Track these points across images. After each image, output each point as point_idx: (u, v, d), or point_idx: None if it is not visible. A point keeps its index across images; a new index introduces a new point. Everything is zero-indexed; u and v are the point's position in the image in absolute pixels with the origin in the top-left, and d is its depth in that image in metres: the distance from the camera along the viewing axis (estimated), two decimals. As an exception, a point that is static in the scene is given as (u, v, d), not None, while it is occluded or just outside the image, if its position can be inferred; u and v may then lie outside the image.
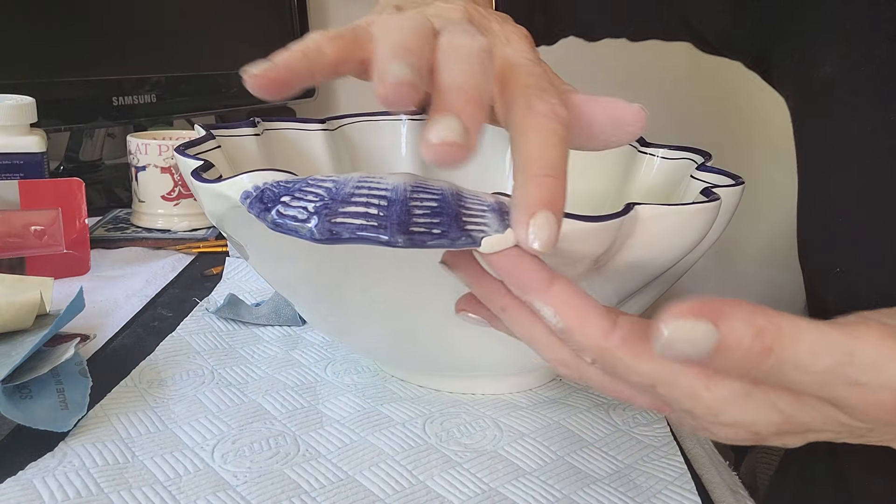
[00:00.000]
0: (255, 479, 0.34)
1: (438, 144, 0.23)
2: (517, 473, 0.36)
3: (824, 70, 0.37)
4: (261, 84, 0.27)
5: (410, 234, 0.25)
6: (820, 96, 0.37)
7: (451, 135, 0.23)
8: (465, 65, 0.25)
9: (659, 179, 0.50)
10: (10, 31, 0.72)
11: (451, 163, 0.23)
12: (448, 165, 0.23)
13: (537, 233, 0.24)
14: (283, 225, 0.27)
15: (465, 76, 0.25)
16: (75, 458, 0.35)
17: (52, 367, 0.39)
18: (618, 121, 0.30)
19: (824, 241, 0.38)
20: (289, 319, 0.52)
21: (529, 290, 0.25)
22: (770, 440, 0.25)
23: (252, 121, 0.49)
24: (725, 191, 0.37)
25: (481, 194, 0.28)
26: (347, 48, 0.28)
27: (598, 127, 0.31)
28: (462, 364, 0.42)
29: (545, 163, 0.25)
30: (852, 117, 0.36)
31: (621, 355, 0.24)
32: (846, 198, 0.37)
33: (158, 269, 0.62)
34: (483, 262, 0.27)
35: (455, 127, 0.23)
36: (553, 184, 0.25)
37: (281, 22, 1.09)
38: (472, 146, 0.23)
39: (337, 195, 0.27)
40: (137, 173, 0.70)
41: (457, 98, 0.24)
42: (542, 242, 0.24)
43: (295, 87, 0.27)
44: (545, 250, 0.24)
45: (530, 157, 0.25)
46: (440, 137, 0.23)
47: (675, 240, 0.34)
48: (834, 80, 0.36)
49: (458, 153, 0.23)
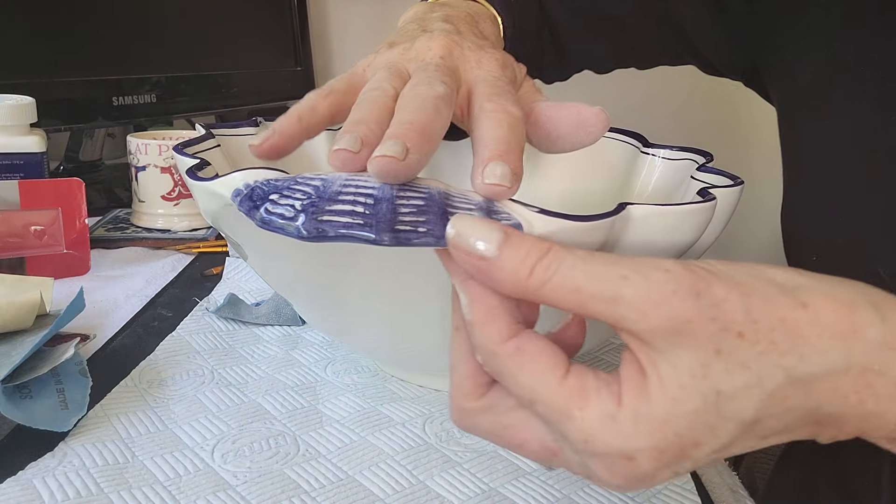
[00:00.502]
0: (255, 479, 0.34)
1: (378, 157, 0.26)
2: (517, 473, 0.36)
3: (804, 77, 0.42)
4: (262, 152, 0.32)
5: (396, 232, 0.26)
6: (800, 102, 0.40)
7: (390, 151, 0.26)
8: (418, 108, 0.29)
9: (660, 180, 0.50)
10: (10, 31, 0.72)
11: (391, 175, 0.27)
12: (388, 178, 0.27)
13: (488, 173, 0.27)
14: (270, 223, 0.27)
15: (415, 115, 0.29)
16: (75, 458, 0.35)
17: (52, 367, 0.39)
18: (581, 123, 0.34)
19: (804, 232, 0.42)
20: (289, 319, 0.52)
21: (455, 275, 0.26)
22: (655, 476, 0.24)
23: (254, 120, 0.49)
24: (724, 191, 0.37)
25: (469, 193, 0.28)
26: (339, 102, 0.33)
27: (564, 129, 0.34)
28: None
29: (495, 137, 0.29)
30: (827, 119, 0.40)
31: (509, 363, 0.24)
32: (823, 191, 0.40)
33: (158, 269, 0.62)
34: None
35: (395, 146, 0.26)
36: (505, 148, 0.28)
37: (281, 22, 1.09)
38: (410, 164, 0.27)
39: (324, 193, 0.27)
40: (137, 173, 0.70)
41: (402, 128, 0.28)
42: (496, 177, 0.27)
43: (294, 147, 0.32)
44: (500, 191, 0.27)
45: (483, 138, 0.29)
46: (381, 152, 0.26)
47: (669, 240, 0.34)
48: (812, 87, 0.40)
49: (396, 166, 0.26)
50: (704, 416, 0.23)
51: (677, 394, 0.23)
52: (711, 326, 0.22)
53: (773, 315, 0.22)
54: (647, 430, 0.23)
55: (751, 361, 0.22)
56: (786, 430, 0.24)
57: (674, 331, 0.22)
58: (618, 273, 0.23)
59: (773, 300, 0.23)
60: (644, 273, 0.23)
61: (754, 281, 0.23)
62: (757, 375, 0.22)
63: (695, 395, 0.22)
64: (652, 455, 0.23)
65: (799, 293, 0.23)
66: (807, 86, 0.41)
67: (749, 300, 0.22)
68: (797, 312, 0.22)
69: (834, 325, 0.22)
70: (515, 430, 0.26)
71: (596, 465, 0.24)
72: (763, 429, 0.24)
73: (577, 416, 0.23)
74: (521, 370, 0.24)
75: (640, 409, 0.23)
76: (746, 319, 0.22)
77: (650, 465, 0.23)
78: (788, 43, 0.43)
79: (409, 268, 0.34)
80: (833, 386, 0.23)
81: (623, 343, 0.24)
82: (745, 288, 0.23)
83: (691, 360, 0.22)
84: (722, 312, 0.22)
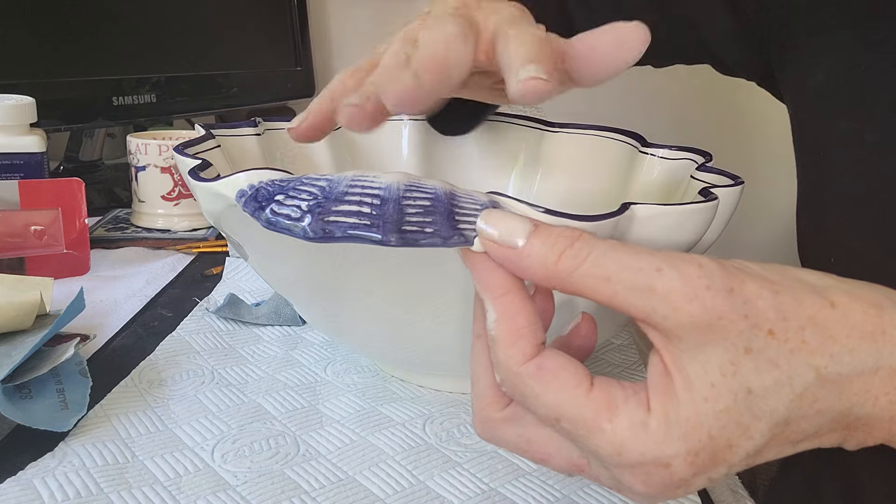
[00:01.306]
0: (255, 479, 0.34)
1: (392, 88, 0.27)
2: (517, 473, 0.36)
3: (816, 78, 0.41)
4: (300, 133, 0.33)
5: (403, 232, 0.26)
6: (813, 101, 0.39)
7: (403, 79, 0.27)
8: (425, 45, 0.29)
9: (660, 180, 0.50)
10: (10, 31, 0.72)
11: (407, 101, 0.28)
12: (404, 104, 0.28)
13: (522, 71, 0.26)
14: (276, 223, 0.27)
15: (423, 50, 0.28)
16: (75, 458, 0.35)
17: (52, 367, 0.39)
18: (620, 40, 0.31)
19: (819, 233, 0.40)
20: (289, 319, 0.52)
21: (486, 290, 0.25)
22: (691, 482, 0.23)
23: (253, 121, 0.49)
24: (725, 191, 0.37)
25: (475, 193, 0.28)
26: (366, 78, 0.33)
27: (605, 51, 0.31)
28: (462, 364, 0.42)
29: (522, 52, 0.28)
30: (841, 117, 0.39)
31: (532, 383, 0.24)
32: (838, 190, 0.39)
33: (158, 269, 0.62)
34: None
35: (405, 75, 0.27)
36: (536, 54, 0.27)
37: (281, 22, 1.09)
38: (425, 88, 0.27)
39: (330, 194, 0.27)
40: (137, 173, 0.70)
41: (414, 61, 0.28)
42: (530, 71, 0.26)
43: (330, 126, 0.33)
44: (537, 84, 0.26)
45: (509, 54, 0.29)
46: (392, 84, 0.27)
47: (672, 240, 0.34)
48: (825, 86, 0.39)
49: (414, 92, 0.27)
50: (736, 416, 0.22)
51: (707, 393, 0.22)
52: (743, 323, 0.22)
53: (804, 313, 0.22)
54: (679, 434, 0.23)
55: (781, 359, 0.22)
56: (816, 434, 0.24)
57: (705, 327, 0.22)
58: (651, 264, 0.22)
59: (804, 299, 0.22)
60: (678, 266, 0.22)
61: (785, 279, 0.23)
62: (787, 374, 0.22)
63: (725, 393, 0.22)
64: (687, 459, 0.23)
65: (828, 293, 0.23)
66: (820, 85, 0.40)
67: (780, 298, 0.22)
68: (826, 311, 0.22)
69: (863, 325, 0.22)
70: (540, 445, 0.26)
71: (629, 477, 0.24)
72: (794, 432, 0.23)
73: (606, 428, 0.23)
74: (546, 388, 0.24)
75: (670, 414, 0.23)
76: (777, 317, 0.22)
77: (686, 470, 0.23)
78: (801, 42, 0.43)
79: (410, 267, 0.34)
80: (863, 387, 0.23)
81: (625, 344, 0.24)
82: (777, 286, 0.23)
83: (721, 358, 0.22)
84: (754, 309, 0.22)
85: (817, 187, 0.41)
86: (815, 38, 0.42)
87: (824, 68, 0.41)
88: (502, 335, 0.24)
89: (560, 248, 0.23)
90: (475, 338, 0.27)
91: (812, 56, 0.42)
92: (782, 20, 0.45)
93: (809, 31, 0.43)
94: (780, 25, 0.46)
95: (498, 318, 0.25)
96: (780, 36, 0.45)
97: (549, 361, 0.24)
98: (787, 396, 0.22)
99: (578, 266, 0.23)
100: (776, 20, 0.46)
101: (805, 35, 0.43)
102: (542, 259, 0.23)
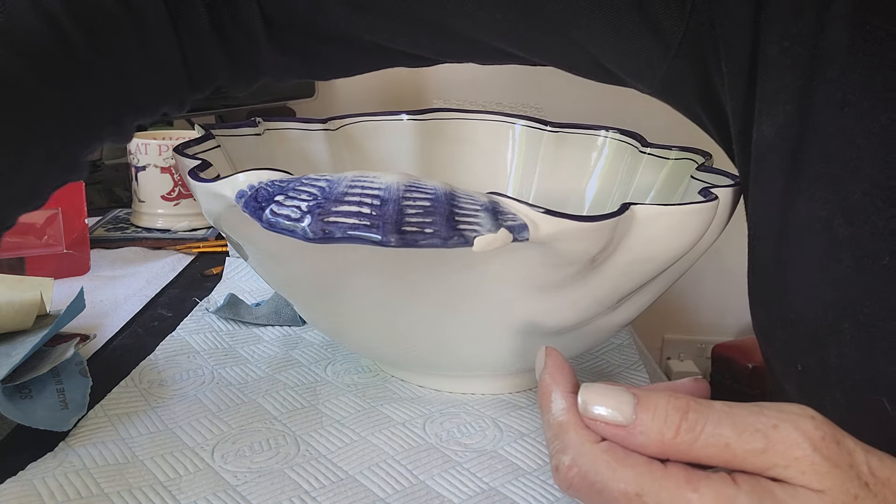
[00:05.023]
0: (255, 479, 0.34)
1: None
2: (517, 473, 0.36)
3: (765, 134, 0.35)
4: None
5: (403, 233, 0.26)
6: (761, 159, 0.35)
7: None
8: None
9: (660, 180, 0.50)
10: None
11: None
12: None
13: None
14: (276, 224, 0.27)
15: None
16: (75, 458, 0.35)
17: (52, 367, 0.39)
18: None
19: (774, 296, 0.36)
20: (289, 319, 0.52)
21: (557, 385, 0.27)
22: None
23: (253, 121, 0.49)
24: (725, 191, 0.37)
25: (475, 194, 0.28)
26: None
27: None
28: (462, 364, 0.42)
29: None
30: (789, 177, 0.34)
31: (608, 458, 0.24)
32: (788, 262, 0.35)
33: (158, 269, 0.62)
34: None
35: None
36: None
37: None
38: None
39: (330, 194, 0.27)
40: (137, 173, 0.70)
41: None
42: None
43: None
44: None
45: None
46: None
47: (673, 239, 0.34)
48: (774, 143, 0.34)
49: None
50: None
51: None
52: (850, 472, 0.23)
53: (884, 473, 0.24)
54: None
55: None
56: None
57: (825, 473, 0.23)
58: (767, 423, 0.23)
59: (884, 460, 0.24)
60: (793, 421, 0.23)
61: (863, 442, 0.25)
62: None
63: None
64: None
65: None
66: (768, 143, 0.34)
67: (869, 456, 0.24)
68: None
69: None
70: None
71: None
72: None
73: (692, 498, 0.23)
74: (622, 462, 0.24)
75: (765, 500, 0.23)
76: (869, 472, 0.24)
77: None
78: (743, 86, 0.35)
79: (411, 267, 0.34)
80: None
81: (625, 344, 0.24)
82: (863, 445, 0.24)
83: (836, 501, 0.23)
84: (855, 462, 0.24)
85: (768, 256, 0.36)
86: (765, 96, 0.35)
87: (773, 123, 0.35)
88: (575, 419, 0.25)
89: (675, 422, 0.24)
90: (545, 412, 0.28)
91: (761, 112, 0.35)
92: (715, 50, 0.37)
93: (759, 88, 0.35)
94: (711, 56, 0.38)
95: (568, 408, 0.26)
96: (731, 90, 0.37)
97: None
98: None
99: (696, 438, 0.24)
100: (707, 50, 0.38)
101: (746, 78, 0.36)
102: (659, 436, 0.24)
